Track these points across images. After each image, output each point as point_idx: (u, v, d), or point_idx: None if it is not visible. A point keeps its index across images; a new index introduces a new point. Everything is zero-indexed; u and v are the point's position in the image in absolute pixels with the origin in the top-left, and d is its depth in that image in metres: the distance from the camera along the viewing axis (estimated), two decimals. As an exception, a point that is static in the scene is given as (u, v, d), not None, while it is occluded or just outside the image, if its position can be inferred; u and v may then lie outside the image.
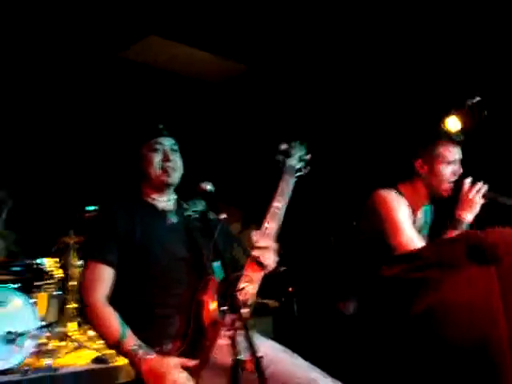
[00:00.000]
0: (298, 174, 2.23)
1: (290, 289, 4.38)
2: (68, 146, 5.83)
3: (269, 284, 1.94)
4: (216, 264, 1.91)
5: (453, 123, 4.13)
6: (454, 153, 2.48)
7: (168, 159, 2.11)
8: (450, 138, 2.53)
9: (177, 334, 1.90)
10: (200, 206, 2.11)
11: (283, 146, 2.27)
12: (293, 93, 5.35)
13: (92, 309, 1.91)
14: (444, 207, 2.49)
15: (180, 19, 4.52)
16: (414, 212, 2.49)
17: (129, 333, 1.84)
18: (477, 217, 2.26)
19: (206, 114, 5.79)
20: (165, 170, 2.10)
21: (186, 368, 1.75)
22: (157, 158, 2.11)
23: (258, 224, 2.02)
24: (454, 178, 2.44)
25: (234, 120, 5.92)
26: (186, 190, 2.21)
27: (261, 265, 1.88)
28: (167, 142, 2.15)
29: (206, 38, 4.89)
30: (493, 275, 1.04)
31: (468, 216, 2.22)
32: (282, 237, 2.00)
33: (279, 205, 2.02)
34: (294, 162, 2.22)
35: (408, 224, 2.29)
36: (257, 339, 2.07)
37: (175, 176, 2.14)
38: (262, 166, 5.57)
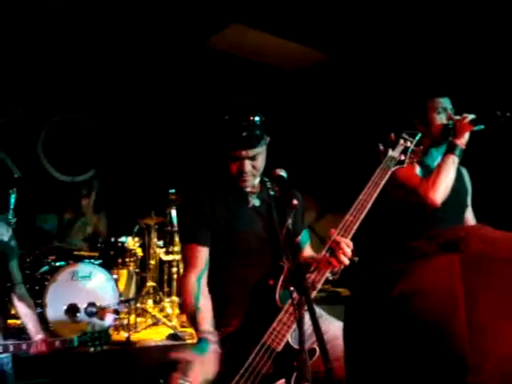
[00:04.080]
0: (397, 166, 2.01)
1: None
2: (152, 132, 6.06)
3: (341, 273, 1.89)
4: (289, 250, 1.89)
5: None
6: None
7: (243, 171, 2.01)
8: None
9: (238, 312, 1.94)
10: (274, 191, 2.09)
11: (392, 135, 2.05)
12: (373, 82, 5.26)
13: (183, 282, 2.04)
14: None
15: (262, 7, 4.56)
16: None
17: (201, 312, 1.90)
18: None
19: (285, 102, 5.82)
20: (241, 180, 2.06)
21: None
22: (234, 169, 2.03)
23: (334, 213, 2.01)
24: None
25: (313, 109, 5.91)
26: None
27: (336, 261, 1.80)
28: (245, 153, 2.00)
29: (287, 27, 4.90)
30: (456, 262, 1.15)
31: (462, 141, 2.41)
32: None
33: (367, 198, 1.88)
34: (397, 153, 2.02)
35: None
36: (321, 317, 2.09)
37: (251, 181, 2.09)
38: (339, 156, 5.57)
